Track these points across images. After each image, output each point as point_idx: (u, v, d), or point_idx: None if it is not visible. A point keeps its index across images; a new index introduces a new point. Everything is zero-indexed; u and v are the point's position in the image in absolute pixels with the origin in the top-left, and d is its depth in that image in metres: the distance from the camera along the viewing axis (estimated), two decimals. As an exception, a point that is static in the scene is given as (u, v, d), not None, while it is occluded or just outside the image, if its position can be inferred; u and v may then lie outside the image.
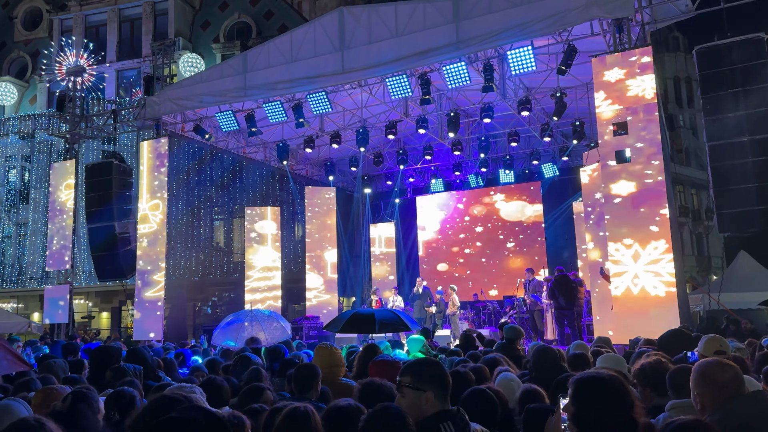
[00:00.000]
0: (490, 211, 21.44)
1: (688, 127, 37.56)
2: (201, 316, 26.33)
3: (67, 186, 17.55)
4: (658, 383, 3.42)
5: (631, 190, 10.61)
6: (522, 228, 20.89)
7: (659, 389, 3.45)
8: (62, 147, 20.33)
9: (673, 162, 28.27)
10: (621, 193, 10.67)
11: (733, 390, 2.63)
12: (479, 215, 21.61)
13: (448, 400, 2.57)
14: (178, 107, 15.76)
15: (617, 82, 10.89)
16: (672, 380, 3.31)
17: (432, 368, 2.63)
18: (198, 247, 25.70)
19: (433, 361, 2.79)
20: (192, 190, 25.28)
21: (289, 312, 22.32)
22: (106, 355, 5.25)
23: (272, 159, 19.36)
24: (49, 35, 30.15)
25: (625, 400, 2.31)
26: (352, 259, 22.13)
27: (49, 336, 16.52)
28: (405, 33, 12.79)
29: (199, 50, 28.47)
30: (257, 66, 14.50)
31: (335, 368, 4.89)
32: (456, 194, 21.94)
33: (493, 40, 12.06)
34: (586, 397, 2.33)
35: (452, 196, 22.02)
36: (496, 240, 21.21)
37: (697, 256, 34.34)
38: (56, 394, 3.60)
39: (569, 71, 12.53)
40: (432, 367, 2.64)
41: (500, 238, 21.17)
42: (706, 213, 33.97)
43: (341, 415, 2.56)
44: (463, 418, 2.54)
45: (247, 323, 9.93)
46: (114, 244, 16.12)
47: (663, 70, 35.54)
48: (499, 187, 21.12)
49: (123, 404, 3.35)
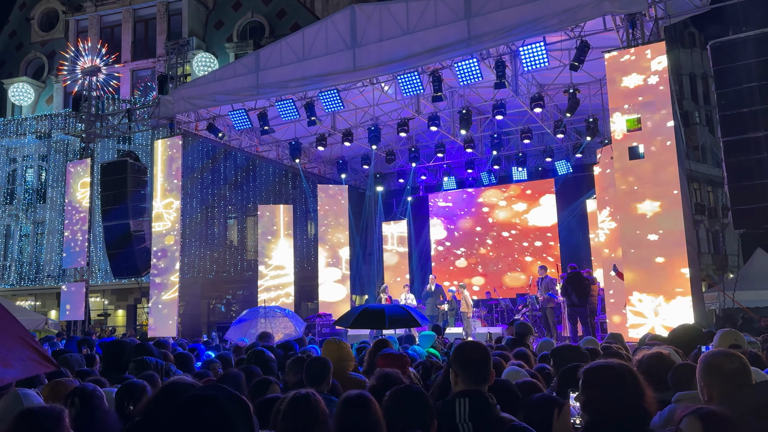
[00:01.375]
0: (502, 208, 21.36)
1: (703, 124, 37.17)
2: (215, 313, 26.53)
3: (82, 185, 17.75)
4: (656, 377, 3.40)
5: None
6: (535, 225, 20.80)
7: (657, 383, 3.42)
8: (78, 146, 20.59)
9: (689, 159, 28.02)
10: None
11: (741, 380, 2.62)
12: (492, 213, 21.55)
13: (474, 383, 2.94)
14: (192, 106, 15.88)
15: (630, 78, 10.80)
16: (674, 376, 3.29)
17: (460, 352, 3.09)
18: (212, 245, 25.91)
19: (465, 345, 3.19)
20: (205, 188, 25.49)
21: (302, 310, 22.42)
22: (118, 349, 5.31)
23: (285, 157, 19.43)
24: (65, 36, 30.52)
25: (635, 389, 2.35)
26: (364, 257, 22.16)
27: (66, 333, 16.73)
28: (416, 30, 12.78)
29: (213, 50, 28.66)
30: (270, 64, 14.57)
31: (344, 362, 4.90)
32: (468, 192, 21.90)
33: (505, 36, 12.01)
34: (596, 385, 2.39)
35: (464, 193, 21.97)
36: (509, 237, 21.14)
37: (713, 254, 33.97)
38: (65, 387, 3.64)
39: (582, 67, 12.44)
40: (461, 352, 3.10)
41: (513, 235, 21.09)
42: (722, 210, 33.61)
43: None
44: (482, 401, 2.83)
45: (261, 320, 9.97)
46: (129, 241, 16.28)
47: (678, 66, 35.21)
48: (512, 185, 21.02)
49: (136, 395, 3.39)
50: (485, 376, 2.96)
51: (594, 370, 2.45)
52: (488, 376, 2.97)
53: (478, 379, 2.94)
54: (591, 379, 2.41)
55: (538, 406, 3.07)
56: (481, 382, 2.94)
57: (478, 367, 2.96)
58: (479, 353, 3.03)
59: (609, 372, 2.41)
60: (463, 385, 2.95)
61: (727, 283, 16.64)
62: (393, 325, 8.34)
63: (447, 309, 17.08)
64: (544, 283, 15.13)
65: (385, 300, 16.47)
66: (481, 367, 2.96)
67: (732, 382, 2.60)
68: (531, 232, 20.83)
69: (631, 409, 2.32)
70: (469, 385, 2.93)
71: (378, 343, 5.58)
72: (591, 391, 2.38)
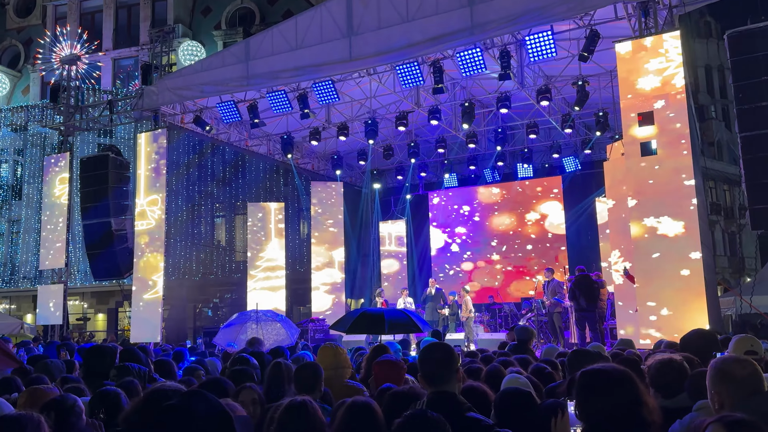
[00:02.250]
0: (507, 207, 21.40)
1: (720, 119, 37.26)
2: (202, 318, 26.53)
3: (61, 181, 17.73)
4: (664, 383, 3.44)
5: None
6: (541, 226, 20.85)
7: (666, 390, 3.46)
8: (56, 140, 20.55)
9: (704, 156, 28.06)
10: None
11: (752, 387, 2.65)
12: (495, 212, 21.59)
13: (440, 385, 2.99)
14: (177, 97, 15.87)
15: (643, 69, 10.84)
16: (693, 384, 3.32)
17: (422, 353, 3.23)
18: (198, 245, 25.90)
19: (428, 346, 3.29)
20: (192, 185, 25.48)
21: (294, 314, 22.43)
22: (100, 354, 5.31)
23: (276, 152, 19.45)
24: (43, 22, 30.44)
25: (632, 395, 2.36)
26: (360, 258, 22.19)
27: (43, 338, 16.73)
28: (416, 18, 12.80)
29: (200, 38, 28.65)
30: (260, 54, 14.58)
31: (341, 370, 4.88)
32: (471, 190, 21.93)
33: (511, 24, 12.04)
34: (590, 389, 2.41)
35: (467, 191, 22.01)
36: (514, 238, 21.19)
37: (729, 256, 34.08)
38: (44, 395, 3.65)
39: (592, 58, 12.48)
40: (422, 353, 3.24)
41: (518, 236, 21.14)
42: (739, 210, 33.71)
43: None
44: (443, 401, 2.82)
45: (253, 324, 9.96)
46: (110, 241, 16.26)
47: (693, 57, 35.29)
48: (517, 182, 21.07)
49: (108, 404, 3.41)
50: (445, 376, 3.01)
51: (589, 374, 2.46)
52: (449, 377, 3.01)
53: (435, 381, 3.00)
54: (585, 383, 2.43)
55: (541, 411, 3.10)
56: (440, 383, 2.99)
57: (438, 368, 3.03)
58: (440, 353, 3.10)
59: (604, 377, 2.41)
60: (425, 386, 3.04)
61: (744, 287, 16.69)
62: (393, 330, 8.37)
63: (448, 314, 17.12)
64: (551, 287, 15.17)
65: (381, 304, 16.49)
66: (440, 367, 3.02)
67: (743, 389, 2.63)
68: (536, 232, 20.87)
69: (626, 418, 2.32)
70: (431, 386, 3.00)
71: (376, 349, 5.56)
72: (585, 396, 2.40)
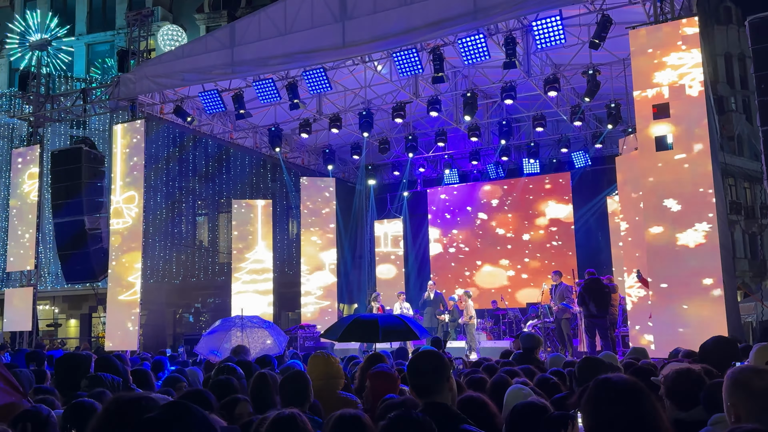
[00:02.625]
0: (511, 206, 21.44)
1: (740, 111, 37.38)
2: (182, 324, 26.53)
3: (30, 175, 17.69)
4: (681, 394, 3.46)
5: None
6: (548, 226, 20.90)
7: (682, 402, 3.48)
8: (25, 131, 20.50)
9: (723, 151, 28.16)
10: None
11: (770, 400, 2.66)
12: (499, 211, 21.63)
13: (431, 396, 3.05)
14: (157, 86, 15.85)
15: (658, 57, 10.88)
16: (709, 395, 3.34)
17: (410, 363, 3.36)
18: (179, 246, 25.88)
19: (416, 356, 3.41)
20: (172, 180, 25.45)
21: (282, 320, 22.46)
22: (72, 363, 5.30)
23: (263, 145, 19.44)
24: (11, 5, 30.33)
25: (640, 407, 2.36)
26: (353, 260, 22.21)
27: (11, 346, 16.69)
28: (415, 1, 12.82)
29: (181, 21, 28.60)
30: (246, 39, 14.57)
31: (333, 380, 4.90)
32: (473, 186, 21.97)
33: (516, 8, 12.06)
34: (597, 400, 2.42)
35: (468, 188, 22.04)
36: (519, 239, 21.23)
37: (749, 259, 34.22)
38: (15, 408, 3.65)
39: (603, 45, 12.52)
40: (410, 363, 3.37)
41: (523, 237, 21.19)
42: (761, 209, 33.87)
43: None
44: (434, 411, 2.87)
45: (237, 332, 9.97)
46: (83, 241, 16.24)
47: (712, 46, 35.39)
48: (523, 179, 21.12)
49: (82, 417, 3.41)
50: (435, 387, 3.05)
51: (596, 384, 2.47)
52: (440, 387, 3.06)
53: (425, 392, 3.05)
54: (593, 393, 2.44)
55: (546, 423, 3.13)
56: (430, 394, 3.04)
57: (426, 378, 3.09)
58: (427, 363, 3.16)
59: (610, 386, 2.42)
60: (416, 398, 3.10)
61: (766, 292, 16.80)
62: (387, 337, 8.37)
63: (448, 320, 17.16)
64: (559, 291, 15.21)
65: (377, 309, 16.51)
66: (429, 378, 3.08)
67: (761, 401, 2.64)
68: (544, 232, 20.92)
69: (634, 430, 2.32)
70: (421, 398, 3.06)
71: (372, 358, 5.59)
72: (593, 407, 2.41)
